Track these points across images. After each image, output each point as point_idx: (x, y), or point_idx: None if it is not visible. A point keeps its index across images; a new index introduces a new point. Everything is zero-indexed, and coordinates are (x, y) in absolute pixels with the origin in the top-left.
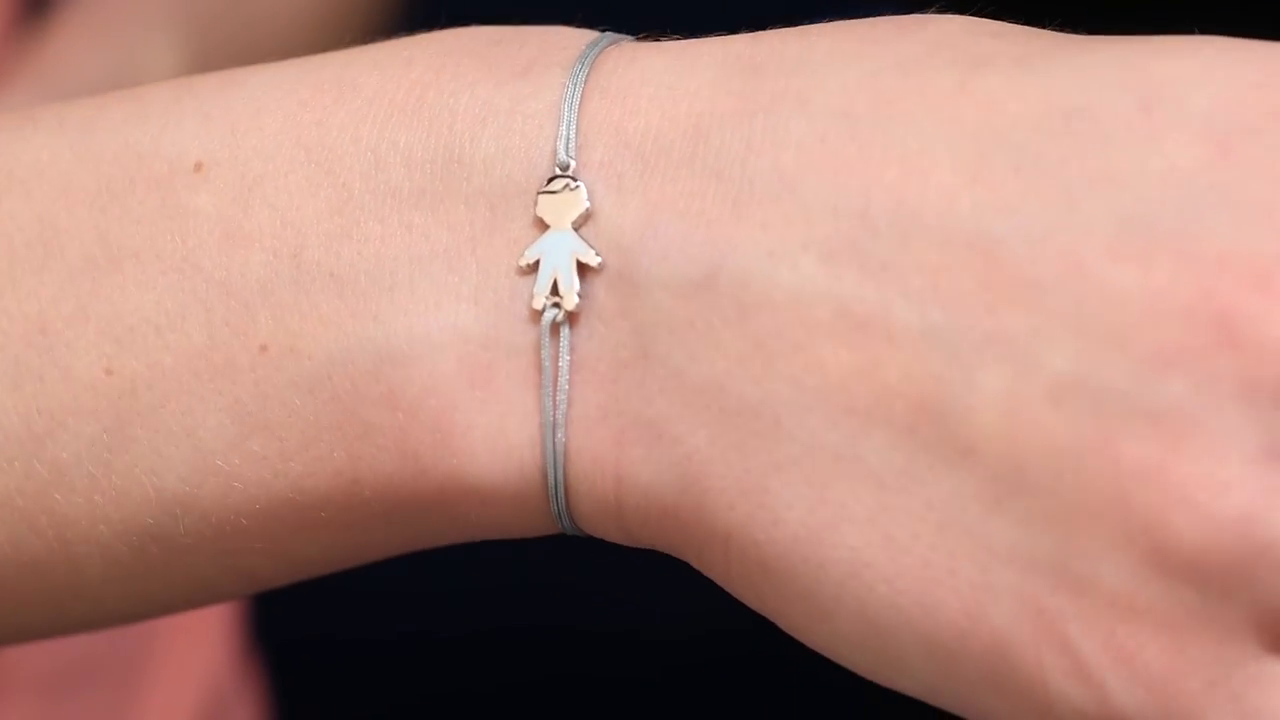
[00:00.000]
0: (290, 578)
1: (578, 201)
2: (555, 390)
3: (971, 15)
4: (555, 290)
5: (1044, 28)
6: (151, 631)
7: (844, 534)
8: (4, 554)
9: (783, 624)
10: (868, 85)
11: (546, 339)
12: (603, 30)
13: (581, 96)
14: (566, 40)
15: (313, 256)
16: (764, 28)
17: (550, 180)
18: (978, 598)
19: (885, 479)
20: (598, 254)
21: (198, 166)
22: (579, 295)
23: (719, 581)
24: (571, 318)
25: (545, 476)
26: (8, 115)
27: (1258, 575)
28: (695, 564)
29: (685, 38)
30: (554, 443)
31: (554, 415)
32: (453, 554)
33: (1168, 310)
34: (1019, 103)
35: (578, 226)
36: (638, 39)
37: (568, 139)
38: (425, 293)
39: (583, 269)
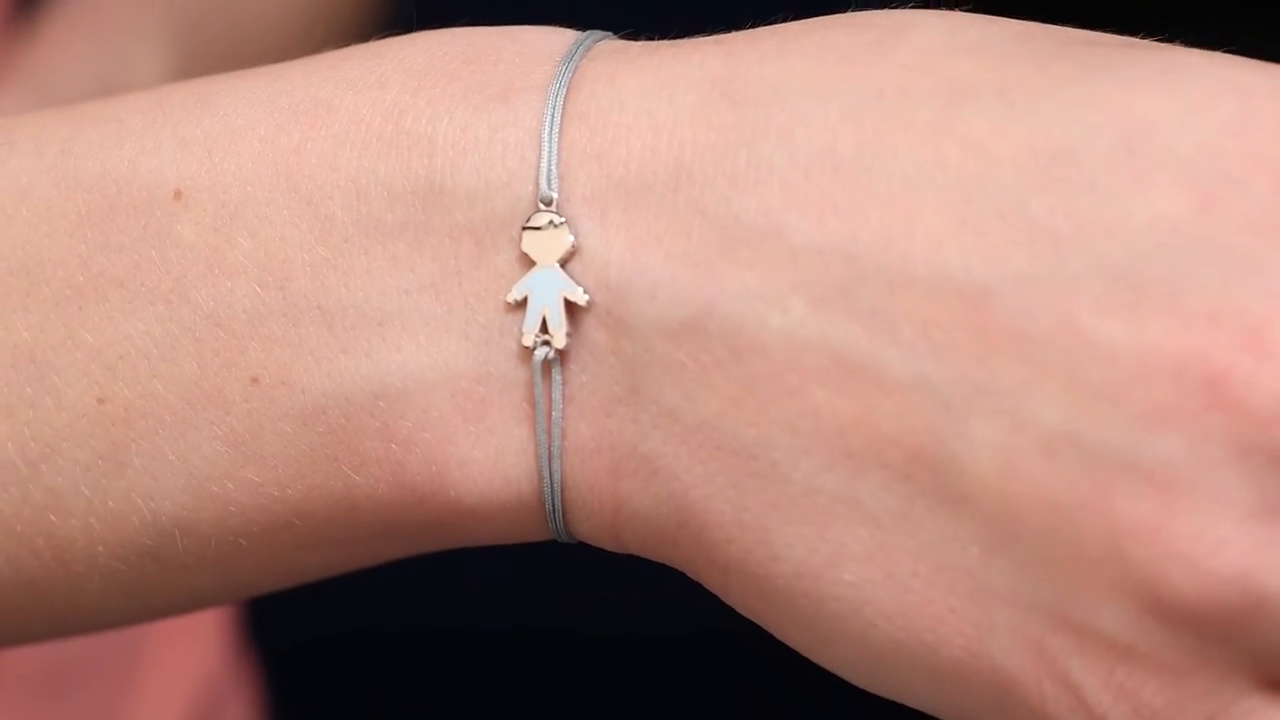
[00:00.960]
0: (288, 584)
1: (563, 239)
2: (550, 424)
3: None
4: (544, 328)
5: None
6: (144, 631)
7: (844, 571)
8: (3, 575)
9: (781, 639)
10: (849, 120)
11: (538, 376)
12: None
13: (560, 125)
14: (540, 53)
15: (299, 288)
16: (740, 25)
17: (533, 215)
18: (979, 635)
19: (883, 520)
20: (585, 292)
21: (177, 194)
22: (568, 335)
23: (718, 595)
24: (562, 355)
25: (543, 504)
26: None
27: (1255, 625)
28: (693, 577)
29: (658, 37)
30: (550, 473)
31: (549, 448)
32: (449, 554)
33: (1159, 369)
34: (1002, 143)
35: (564, 263)
36: (615, 38)
37: (549, 172)
38: (416, 328)
39: (571, 306)
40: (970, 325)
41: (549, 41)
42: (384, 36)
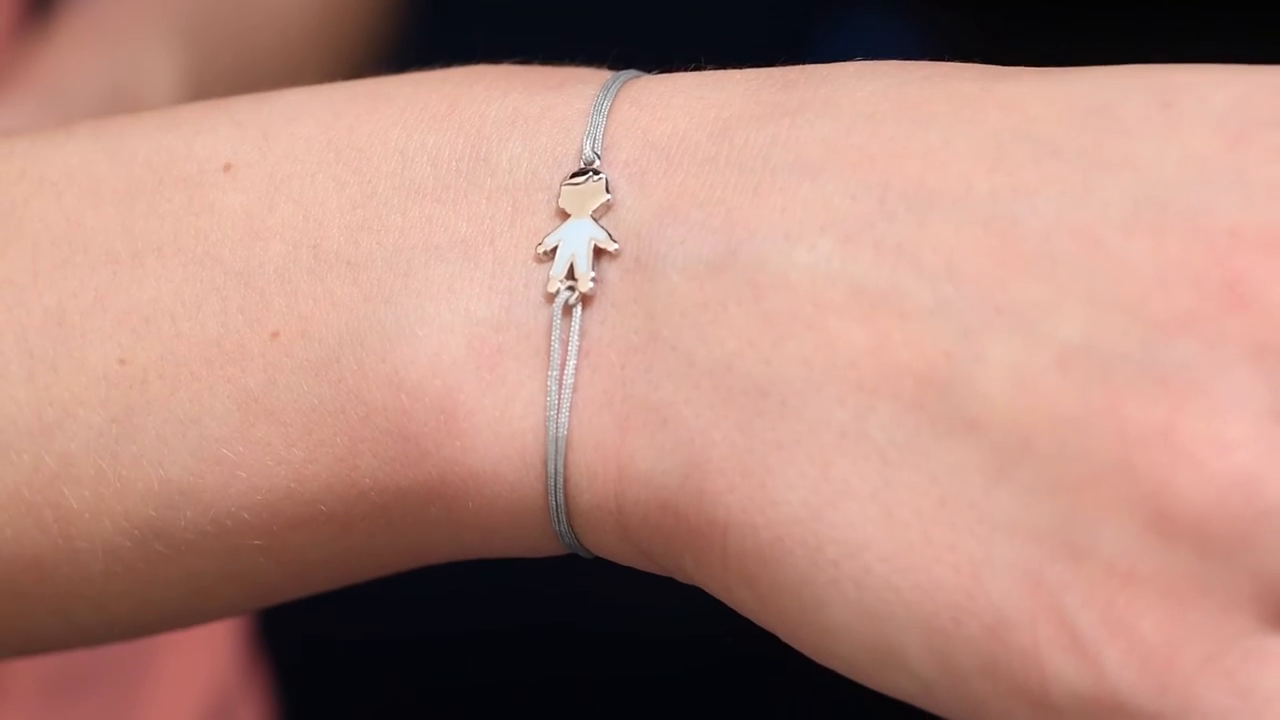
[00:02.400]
0: (292, 587)
1: (598, 192)
2: (562, 375)
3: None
4: (571, 275)
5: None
6: (156, 635)
7: (844, 511)
8: (9, 551)
9: (778, 626)
10: (894, 93)
11: (558, 321)
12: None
13: (612, 104)
14: (600, 70)
15: (332, 247)
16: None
17: (573, 175)
18: (977, 573)
19: (889, 454)
20: (615, 240)
21: (227, 167)
22: (593, 280)
23: (715, 588)
24: (585, 300)
25: (546, 464)
26: (47, 129)
27: (1259, 539)
28: (692, 571)
29: None
30: (557, 426)
31: (558, 399)
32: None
33: (1179, 278)
34: (1042, 103)
35: (598, 216)
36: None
37: (595, 139)
38: (440, 278)
39: (600, 254)
40: (995, 251)
41: (607, 71)
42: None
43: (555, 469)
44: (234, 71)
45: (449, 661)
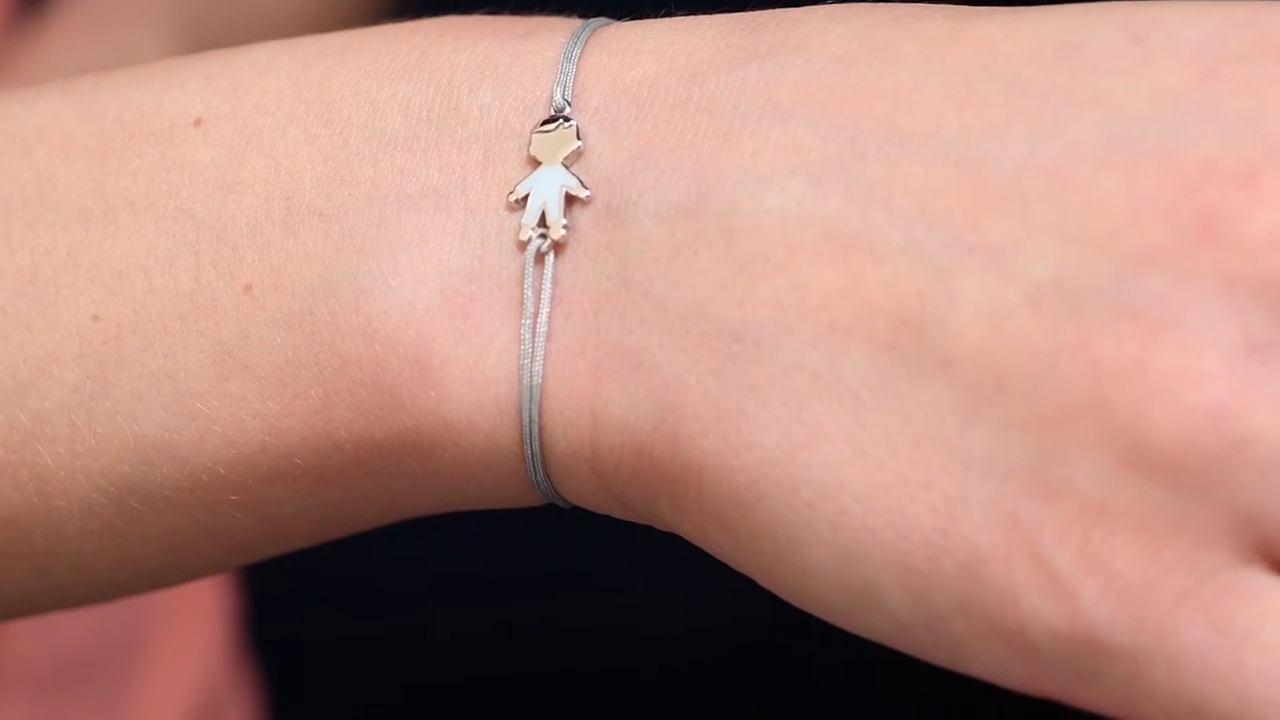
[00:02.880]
0: (271, 542)
1: (569, 139)
2: (536, 323)
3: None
4: (543, 223)
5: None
6: (145, 631)
7: (819, 453)
8: None
9: (754, 568)
10: (864, 34)
11: (530, 268)
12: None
13: (582, 52)
14: (570, 19)
15: (304, 199)
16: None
17: (544, 122)
18: (951, 511)
19: (863, 395)
20: (587, 187)
21: (198, 122)
22: (565, 227)
23: (691, 532)
24: (557, 248)
25: (521, 413)
26: (17, 88)
27: (1233, 472)
28: (668, 516)
29: None
30: (531, 375)
31: (532, 346)
32: (446, 550)
33: (1151, 212)
34: (1011, 41)
35: (569, 164)
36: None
37: (565, 85)
38: (412, 228)
39: (571, 202)
40: (965, 190)
41: (578, 19)
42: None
43: (530, 417)
44: None
45: (440, 659)
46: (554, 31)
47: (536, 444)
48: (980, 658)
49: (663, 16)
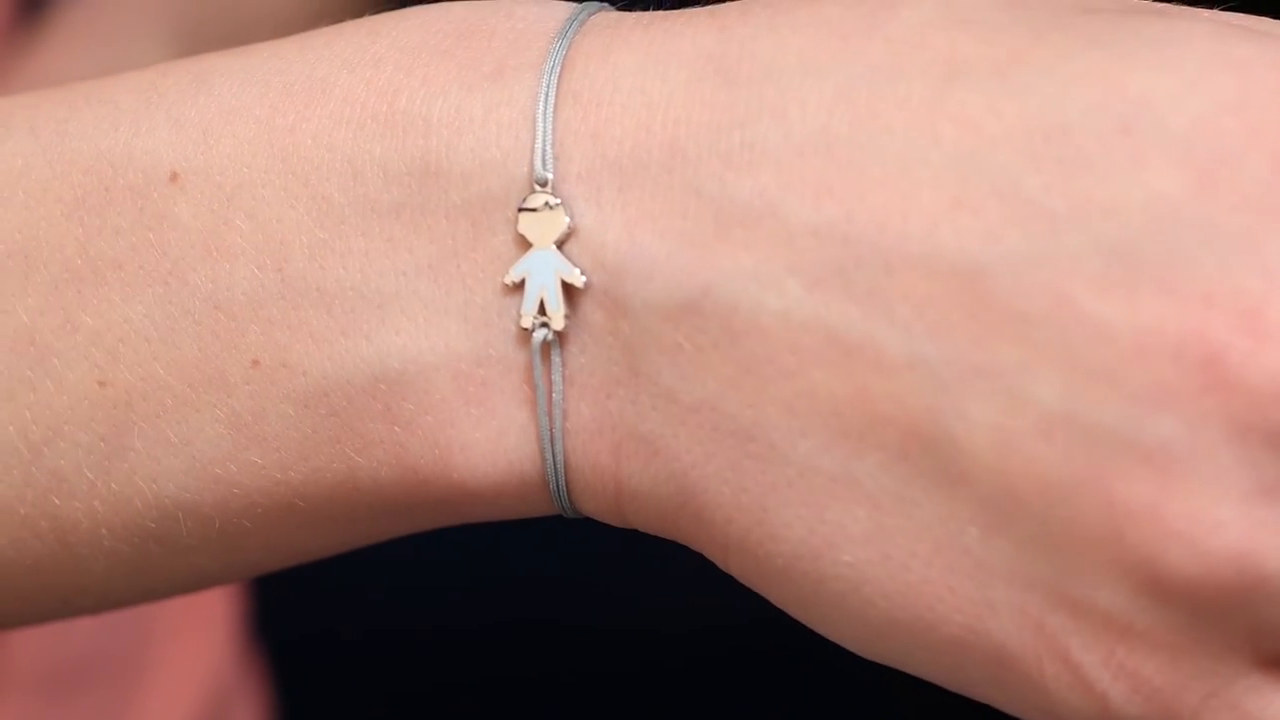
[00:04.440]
0: (293, 564)
1: (558, 221)
2: (550, 406)
3: None
4: (542, 309)
5: None
6: (151, 630)
7: (842, 552)
8: (7, 558)
9: (786, 611)
10: (843, 99)
11: (538, 358)
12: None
13: (555, 104)
14: (533, 29)
15: (298, 270)
16: None
17: (529, 197)
18: (978, 613)
19: (881, 501)
20: (583, 273)
21: (173, 176)
22: (566, 317)
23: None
24: (561, 337)
25: (547, 484)
26: None
27: (1253, 604)
28: (698, 551)
29: (653, 8)
30: (553, 455)
31: (550, 430)
32: (455, 549)
33: (1156, 349)
34: (997, 122)
35: (560, 244)
36: (610, 9)
37: (544, 152)
38: (414, 310)
39: (569, 288)
40: (966, 305)
41: (541, 16)
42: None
43: (557, 487)
44: None
45: (448, 657)
46: (522, 70)
47: (566, 503)
48: (1016, 713)
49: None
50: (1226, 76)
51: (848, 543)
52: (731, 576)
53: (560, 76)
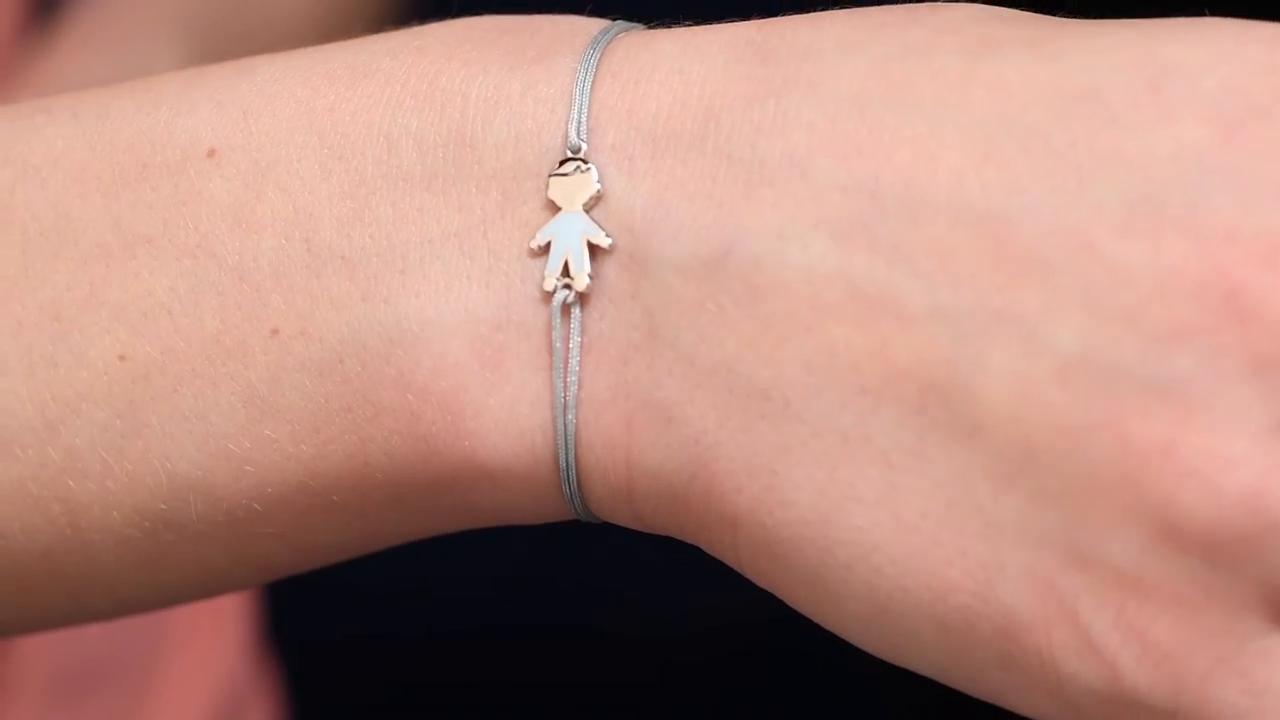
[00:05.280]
0: (304, 565)
1: (588, 184)
2: (566, 372)
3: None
4: (566, 271)
5: (1054, 14)
6: (164, 632)
7: (852, 515)
8: (18, 543)
9: (792, 604)
10: (878, 70)
11: (558, 320)
12: (614, 19)
13: (593, 81)
14: (577, 28)
15: (325, 240)
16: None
17: (561, 163)
18: (988, 576)
19: (894, 458)
20: (608, 235)
21: (211, 153)
22: (590, 276)
23: (729, 564)
24: (582, 299)
25: (557, 459)
26: (22, 105)
27: (1267, 549)
28: (705, 549)
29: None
30: (565, 424)
31: (565, 397)
32: (467, 552)
33: (1177, 287)
34: (1028, 85)
35: (589, 208)
36: (649, 28)
37: (579, 122)
38: (437, 275)
39: (594, 250)
40: (990, 254)
41: (586, 23)
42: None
43: (566, 463)
44: None
45: (460, 661)
46: (563, 54)
47: (574, 485)
48: (1021, 705)
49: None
50: (1258, 45)
51: (858, 504)
52: (734, 577)
53: (600, 59)
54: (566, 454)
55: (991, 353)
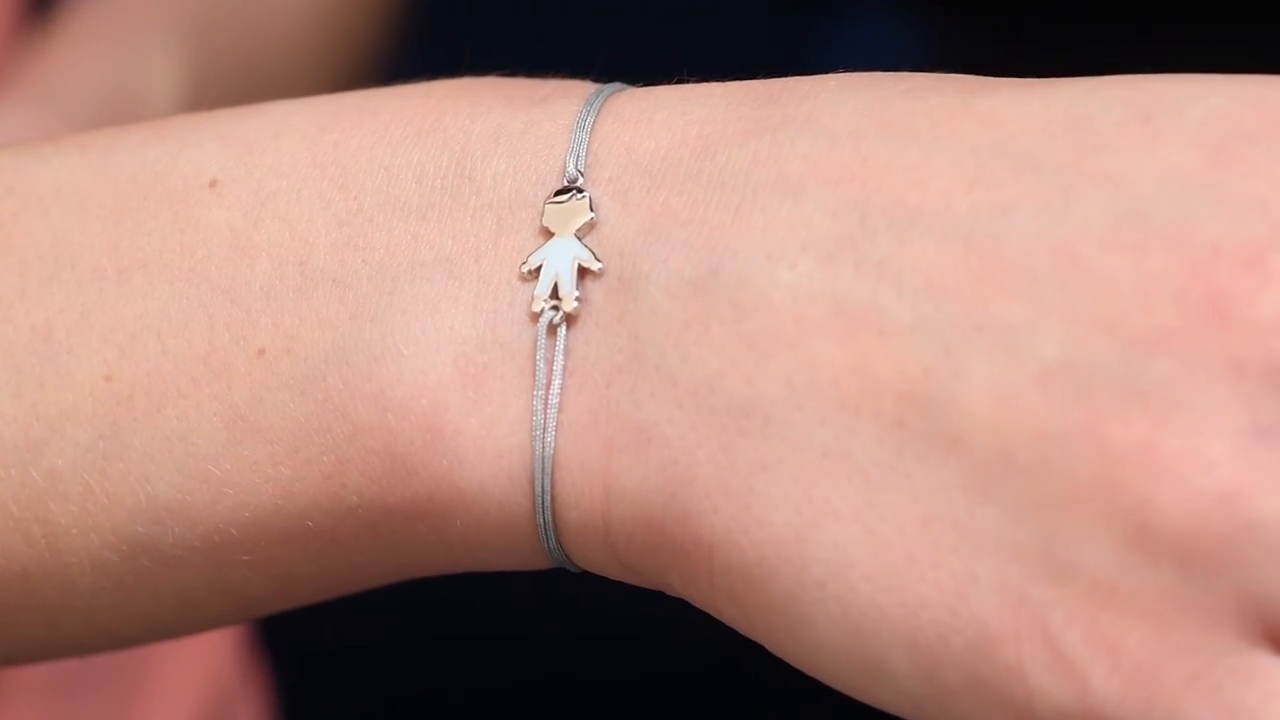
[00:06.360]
0: (283, 600)
1: (582, 210)
2: (548, 394)
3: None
4: (555, 294)
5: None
6: None
7: (828, 532)
8: None
9: (765, 640)
10: (876, 107)
11: (543, 340)
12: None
13: (595, 120)
14: (584, 85)
15: (318, 264)
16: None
17: (557, 193)
18: (960, 591)
19: (871, 474)
20: (599, 260)
21: (213, 183)
22: (578, 299)
23: (702, 603)
24: (569, 320)
25: (533, 484)
26: (32, 140)
27: (1242, 555)
28: (679, 587)
29: None
30: (543, 446)
31: (544, 418)
32: None
33: (1158, 293)
34: (1021, 117)
35: (581, 235)
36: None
37: (578, 155)
38: (425, 296)
39: (583, 274)
40: (975, 269)
41: (592, 84)
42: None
43: (542, 488)
44: (236, 72)
45: (448, 666)
46: (568, 98)
47: (549, 514)
48: None
49: (678, 81)
50: (1245, 81)
51: (834, 521)
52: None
53: (604, 102)
54: (543, 478)
55: (972, 362)
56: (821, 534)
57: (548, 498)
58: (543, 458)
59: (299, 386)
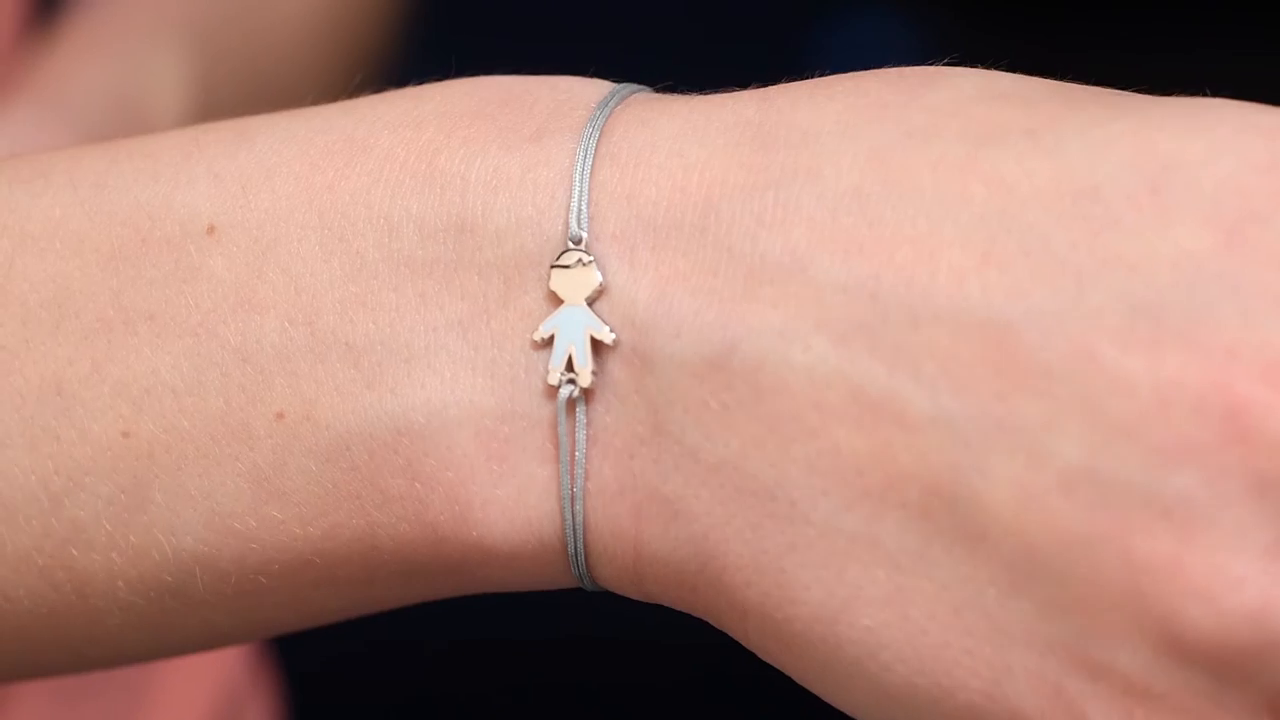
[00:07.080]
0: (309, 625)
1: (591, 278)
2: (573, 465)
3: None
4: (570, 366)
5: (1057, 76)
6: None
7: (861, 614)
8: (23, 607)
9: (801, 684)
10: (877, 159)
11: (563, 415)
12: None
13: (593, 164)
14: (576, 100)
15: (328, 325)
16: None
17: (562, 254)
18: (996, 677)
19: (901, 561)
20: (612, 330)
21: (210, 230)
22: (594, 373)
23: (737, 639)
24: (587, 394)
25: (565, 546)
26: (19, 167)
27: (1273, 663)
28: (716, 625)
29: (695, 93)
30: (573, 515)
31: (572, 489)
32: None
33: (1178, 402)
34: (1027, 182)
35: (591, 301)
36: (652, 90)
37: (579, 211)
38: (442, 366)
39: (597, 344)
40: (991, 361)
41: (585, 90)
42: (420, 82)
43: (575, 550)
44: (241, 76)
45: (458, 669)
46: (561, 133)
47: (583, 568)
48: None
49: (666, 89)
50: (1254, 139)
51: (866, 605)
52: None
53: (599, 140)
54: (575, 542)
55: (994, 461)
56: (854, 617)
57: (582, 558)
58: (574, 525)
59: (323, 454)
